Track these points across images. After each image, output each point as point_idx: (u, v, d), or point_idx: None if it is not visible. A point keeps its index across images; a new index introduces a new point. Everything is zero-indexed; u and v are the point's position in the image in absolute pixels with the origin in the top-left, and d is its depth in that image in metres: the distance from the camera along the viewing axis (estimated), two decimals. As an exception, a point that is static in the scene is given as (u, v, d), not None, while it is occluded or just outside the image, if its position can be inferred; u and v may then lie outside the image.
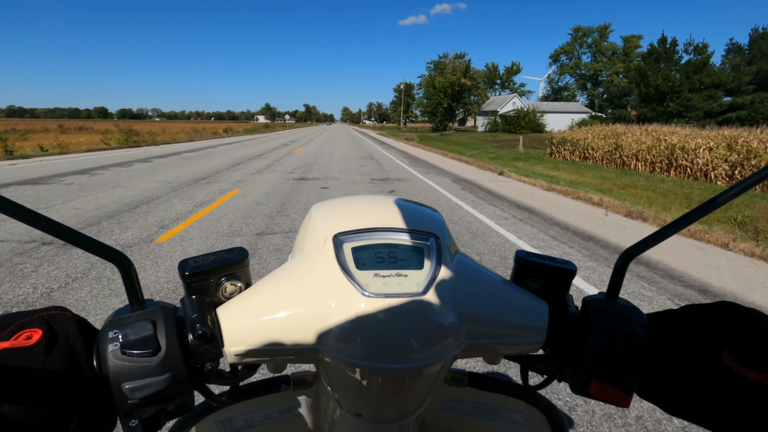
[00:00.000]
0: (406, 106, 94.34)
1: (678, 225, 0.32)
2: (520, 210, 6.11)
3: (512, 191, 7.81)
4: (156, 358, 0.29)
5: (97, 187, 7.14)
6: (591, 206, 6.60)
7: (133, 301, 0.32)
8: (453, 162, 14.04)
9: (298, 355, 0.35)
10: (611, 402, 0.35)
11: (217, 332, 0.33)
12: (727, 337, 0.30)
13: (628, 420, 1.81)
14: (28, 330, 0.27)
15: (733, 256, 4.28)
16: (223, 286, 0.36)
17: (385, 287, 0.34)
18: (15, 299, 2.79)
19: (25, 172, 9.03)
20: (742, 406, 0.29)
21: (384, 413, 0.38)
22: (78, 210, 5.38)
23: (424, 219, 0.40)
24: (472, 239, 4.49)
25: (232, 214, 5.31)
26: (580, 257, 4.03)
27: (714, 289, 3.37)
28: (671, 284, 3.41)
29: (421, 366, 0.33)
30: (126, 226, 4.68)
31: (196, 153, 14.95)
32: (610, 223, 5.53)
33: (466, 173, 10.68)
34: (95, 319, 2.47)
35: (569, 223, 5.41)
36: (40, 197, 6.15)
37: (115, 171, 9.41)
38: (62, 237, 0.27)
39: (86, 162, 11.33)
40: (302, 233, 0.43)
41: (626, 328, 0.34)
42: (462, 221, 5.29)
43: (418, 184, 8.48)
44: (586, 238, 4.74)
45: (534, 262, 0.40)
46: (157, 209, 5.52)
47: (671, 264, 3.91)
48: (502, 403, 0.50)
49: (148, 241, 4.13)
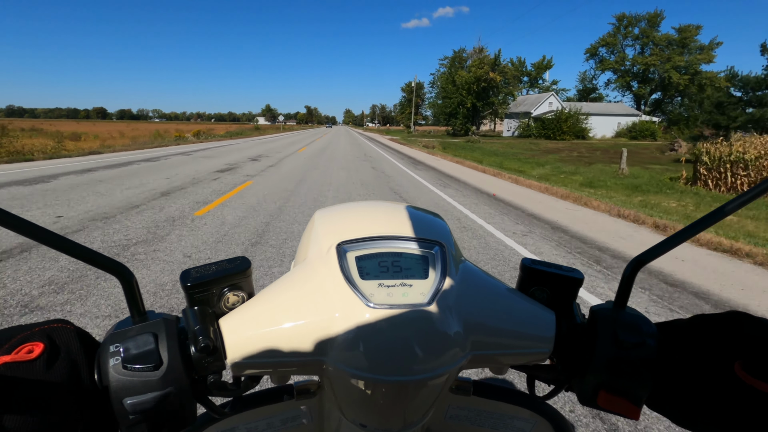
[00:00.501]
0: (415, 108, 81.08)
1: (686, 234, 0.31)
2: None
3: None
4: (158, 372, 0.29)
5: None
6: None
7: (134, 313, 0.31)
8: (544, 197, 7.28)
9: (301, 366, 0.34)
10: (620, 413, 0.34)
11: (220, 344, 0.33)
12: (738, 348, 0.30)
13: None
14: (30, 344, 0.27)
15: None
16: (226, 296, 0.36)
17: (390, 298, 0.33)
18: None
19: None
20: (754, 419, 0.28)
21: (388, 424, 0.38)
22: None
23: (429, 226, 0.39)
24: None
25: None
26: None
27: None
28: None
29: (426, 378, 0.32)
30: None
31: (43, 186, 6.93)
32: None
33: (625, 240, 4.64)
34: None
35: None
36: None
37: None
38: (61, 249, 0.26)
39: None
40: (305, 241, 0.42)
41: (635, 337, 0.33)
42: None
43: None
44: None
45: (540, 270, 0.39)
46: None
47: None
48: (508, 412, 0.49)
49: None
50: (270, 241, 4.14)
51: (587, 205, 6.79)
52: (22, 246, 3.68)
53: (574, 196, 7.32)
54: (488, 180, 9.73)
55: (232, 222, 4.88)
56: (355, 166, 11.95)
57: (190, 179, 8.22)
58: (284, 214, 5.40)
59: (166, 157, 13.06)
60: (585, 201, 6.95)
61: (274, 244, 4.07)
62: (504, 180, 9.77)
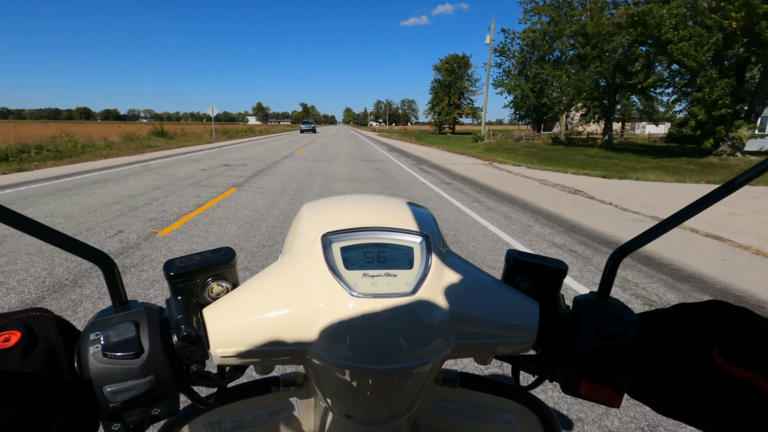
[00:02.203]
0: (458, 96, 49.46)
1: (668, 224, 0.32)
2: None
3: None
4: (138, 360, 0.29)
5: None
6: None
7: (116, 302, 0.31)
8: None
9: (285, 356, 0.34)
10: (602, 402, 0.35)
11: (203, 333, 0.33)
12: (717, 336, 0.30)
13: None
14: (6, 332, 0.26)
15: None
16: (210, 286, 0.36)
17: (374, 287, 0.33)
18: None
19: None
20: (732, 404, 0.29)
21: (374, 415, 0.38)
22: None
23: (415, 218, 0.40)
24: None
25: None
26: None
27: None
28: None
29: (410, 366, 0.33)
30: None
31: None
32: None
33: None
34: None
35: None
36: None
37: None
38: (43, 237, 0.26)
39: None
40: (292, 233, 0.43)
41: (617, 327, 0.34)
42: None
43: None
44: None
45: (525, 262, 0.39)
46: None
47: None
48: (495, 404, 0.50)
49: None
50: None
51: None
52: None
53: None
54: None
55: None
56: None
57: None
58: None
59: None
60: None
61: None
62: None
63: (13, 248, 3.68)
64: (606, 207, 6.55)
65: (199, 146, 19.23)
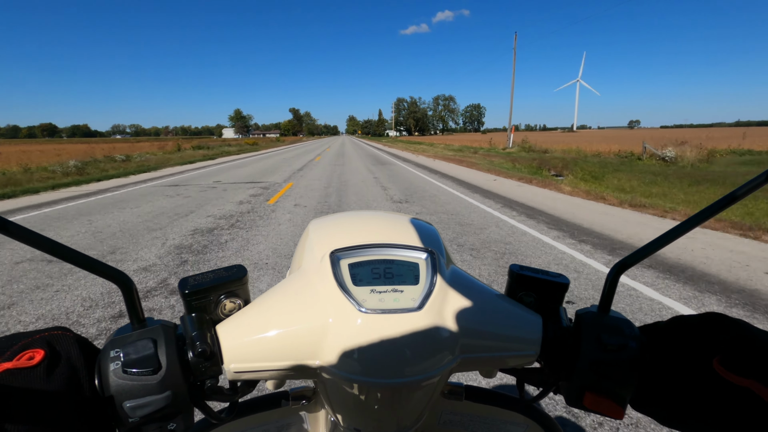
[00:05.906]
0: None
1: (669, 237, 0.32)
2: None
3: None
4: (157, 376, 0.30)
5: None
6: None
7: (134, 320, 0.32)
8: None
9: (296, 371, 0.35)
10: (605, 414, 0.35)
11: (217, 349, 0.34)
12: (716, 346, 0.31)
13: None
14: (31, 351, 0.27)
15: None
16: (223, 303, 0.36)
17: (382, 303, 0.34)
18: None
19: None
20: (733, 413, 0.29)
21: (382, 428, 0.39)
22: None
23: (420, 234, 0.41)
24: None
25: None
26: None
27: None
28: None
29: (417, 380, 0.33)
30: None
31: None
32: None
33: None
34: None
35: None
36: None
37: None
38: (63, 257, 0.27)
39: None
40: (300, 250, 0.44)
41: (618, 340, 0.35)
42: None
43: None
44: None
45: (527, 276, 0.40)
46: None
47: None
48: (500, 416, 0.50)
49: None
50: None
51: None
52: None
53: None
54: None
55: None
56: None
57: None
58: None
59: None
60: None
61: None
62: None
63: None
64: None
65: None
